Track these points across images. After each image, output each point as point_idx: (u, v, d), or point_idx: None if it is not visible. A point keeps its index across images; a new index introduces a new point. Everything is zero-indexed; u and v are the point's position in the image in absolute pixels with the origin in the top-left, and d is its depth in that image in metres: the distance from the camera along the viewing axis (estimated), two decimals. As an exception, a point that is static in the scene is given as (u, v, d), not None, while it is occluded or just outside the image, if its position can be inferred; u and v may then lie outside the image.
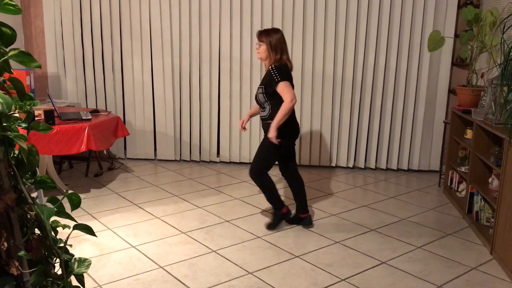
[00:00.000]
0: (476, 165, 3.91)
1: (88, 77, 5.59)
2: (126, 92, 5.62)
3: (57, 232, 1.69)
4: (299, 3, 5.17)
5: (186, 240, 3.50)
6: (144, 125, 5.66)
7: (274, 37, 3.47)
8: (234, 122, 5.54)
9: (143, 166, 5.52)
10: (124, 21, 5.43)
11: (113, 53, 5.53)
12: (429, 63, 5.18)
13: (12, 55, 1.46)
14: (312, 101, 5.38)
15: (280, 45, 3.49)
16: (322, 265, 3.14)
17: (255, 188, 4.76)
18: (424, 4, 5.04)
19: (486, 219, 3.71)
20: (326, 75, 5.30)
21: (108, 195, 4.47)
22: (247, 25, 5.28)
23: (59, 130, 3.97)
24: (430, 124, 5.36)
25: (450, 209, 4.29)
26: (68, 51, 5.54)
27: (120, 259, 3.18)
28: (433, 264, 3.20)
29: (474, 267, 3.17)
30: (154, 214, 4.01)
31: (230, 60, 5.39)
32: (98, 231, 3.62)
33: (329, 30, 5.20)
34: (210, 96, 5.51)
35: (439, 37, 4.40)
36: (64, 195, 1.65)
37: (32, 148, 1.52)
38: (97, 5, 5.40)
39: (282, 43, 3.51)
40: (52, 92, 5.61)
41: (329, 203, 4.37)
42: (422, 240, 3.58)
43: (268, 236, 3.59)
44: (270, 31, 3.52)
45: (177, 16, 5.34)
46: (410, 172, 5.50)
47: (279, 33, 3.51)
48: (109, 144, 4.54)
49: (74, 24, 5.46)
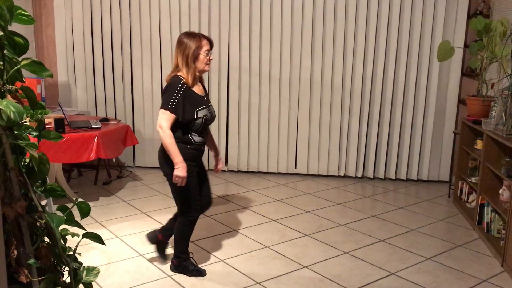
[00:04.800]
0: (486, 175, 3.87)
1: (98, 85, 5.64)
2: (135, 101, 5.65)
3: (66, 240, 1.69)
4: (308, 13, 5.18)
5: (194, 249, 3.49)
6: (153, 134, 5.68)
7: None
8: (242, 132, 5.54)
9: (151, 174, 5.53)
10: (134, 31, 5.48)
11: (123, 62, 5.57)
12: (438, 73, 5.16)
13: (25, 65, 1.48)
14: (320, 111, 5.37)
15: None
16: (330, 276, 3.12)
17: (263, 197, 4.75)
18: (433, 14, 5.04)
19: (497, 231, 3.66)
20: (335, 85, 5.30)
21: (117, 203, 4.48)
22: (256, 35, 5.30)
23: (69, 139, 3.99)
24: (440, 134, 5.33)
25: (460, 220, 4.24)
26: (78, 60, 5.60)
27: (128, 267, 3.17)
28: (443, 276, 3.16)
29: (484, 279, 3.13)
30: (162, 222, 4.00)
31: (239, 70, 5.41)
32: (106, 239, 3.62)
33: (338, 40, 5.20)
34: (218, 105, 5.52)
35: (449, 47, 4.38)
36: (73, 203, 1.66)
37: (42, 156, 1.53)
38: (107, 15, 5.45)
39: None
40: (63, 101, 5.65)
41: (338, 213, 4.35)
42: (431, 251, 3.54)
43: (276, 246, 3.57)
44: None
45: (186, 26, 5.38)
46: (419, 182, 5.46)
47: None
48: (118, 152, 4.56)
49: (85, 34, 5.52)
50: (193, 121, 2.84)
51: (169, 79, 2.88)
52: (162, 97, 2.84)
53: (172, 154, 2.79)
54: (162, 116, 2.78)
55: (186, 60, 2.81)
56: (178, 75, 2.85)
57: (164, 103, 2.79)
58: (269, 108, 5.46)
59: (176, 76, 2.84)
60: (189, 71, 2.82)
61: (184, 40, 2.82)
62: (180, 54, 2.83)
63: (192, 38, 2.82)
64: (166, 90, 2.83)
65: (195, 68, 2.84)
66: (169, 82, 2.85)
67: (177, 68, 2.87)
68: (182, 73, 2.84)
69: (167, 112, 2.77)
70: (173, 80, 2.83)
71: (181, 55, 2.82)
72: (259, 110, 5.47)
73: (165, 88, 2.85)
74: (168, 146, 2.78)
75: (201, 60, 2.84)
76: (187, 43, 2.81)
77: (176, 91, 2.77)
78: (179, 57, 2.83)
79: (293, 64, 5.33)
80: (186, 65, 2.81)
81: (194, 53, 2.81)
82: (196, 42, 2.81)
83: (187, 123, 2.83)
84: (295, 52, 5.30)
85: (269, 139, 5.53)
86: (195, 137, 2.90)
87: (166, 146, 2.79)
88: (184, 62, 2.81)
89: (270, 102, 5.44)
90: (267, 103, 5.44)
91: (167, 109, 2.77)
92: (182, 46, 2.82)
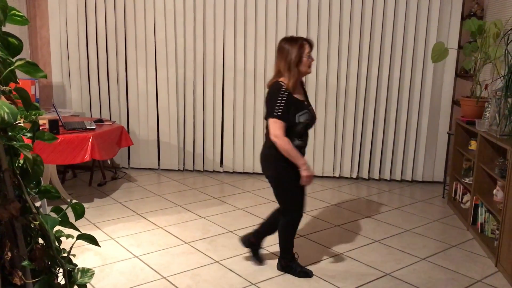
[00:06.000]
0: (480, 176, 3.89)
1: (92, 86, 5.62)
2: (130, 102, 5.64)
3: (61, 242, 1.68)
4: (302, 15, 5.19)
5: (189, 250, 3.48)
6: (148, 135, 5.67)
7: None
8: (237, 132, 5.54)
9: (146, 175, 5.52)
10: (129, 31, 5.47)
11: (117, 63, 5.56)
12: (432, 74, 5.19)
13: (19, 66, 1.47)
14: (316, 112, 5.38)
15: None
16: (325, 277, 3.12)
17: (259, 198, 4.75)
18: (427, 16, 5.06)
19: (491, 231, 3.68)
20: (330, 86, 5.31)
21: (111, 205, 4.46)
22: (251, 36, 5.30)
23: (64, 140, 3.98)
24: (434, 135, 5.35)
25: (454, 221, 4.26)
26: (73, 61, 5.58)
27: (123, 269, 3.16)
28: (437, 276, 3.17)
29: (479, 279, 3.14)
30: (157, 224, 4.00)
31: (234, 71, 5.41)
32: (101, 241, 3.61)
33: (332, 40, 5.21)
34: (213, 106, 5.52)
35: (443, 49, 4.41)
36: (68, 204, 1.65)
37: (37, 158, 1.52)
38: (102, 16, 5.44)
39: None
40: (57, 102, 5.63)
41: (333, 214, 4.35)
42: (426, 252, 3.56)
43: (271, 247, 3.57)
44: None
45: (181, 27, 5.37)
46: (414, 183, 5.48)
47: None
48: (113, 153, 4.55)
49: (79, 34, 5.50)
50: (294, 126, 2.87)
51: (270, 85, 2.92)
52: (267, 104, 2.88)
53: (295, 158, 2.86)
54: (274, 126, 2.81)
55: (288, 65, 2.85)
56: (279, 81, 2.88)
57: (271, 111, 2.82)
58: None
59: (277, 82, 2.87)
60: (292, 76, 2.85)
61: (285, 46, 2.87)
62: (282, 60, 2.87)
63: (293, 42, 2.87)
64: (269, 98, 2.87)
65: (298, 72, 2.87)
66: (270, 89, 2.89)
67: (279, 74, 2.91)
68: (284, 78, 2.88)
69: (278, 121, 2.81)
70: (274, 87, 2.87)
71: (284, 60, 2.86)
72: (254, 111, 5.47)
73: (267, 95, 2.90)
74: (289, 151, 2.83)
75: (304, 63, 2.87)
76: (289, 48, 2.85)
77: (279, 98, 2.81)
78: (281, 63, 2.87)
79: (288, 65, 5.33)
80: (288, 70, 2.85)
81: (297, 57, 2.84)
82: (298, 46, 2.86)
83: (289, 128, 2.86)
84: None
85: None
86: (296, 141, 2.91)
87: (287, 152, 2.83)
88: (287, 67, 2.85)
89: (265, 103, 5.44)
90: (262, 103, 5.45)
91: (275, 117, 2.80)
92: (284, 52, 2.86)
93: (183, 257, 3.37)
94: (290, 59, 2.84)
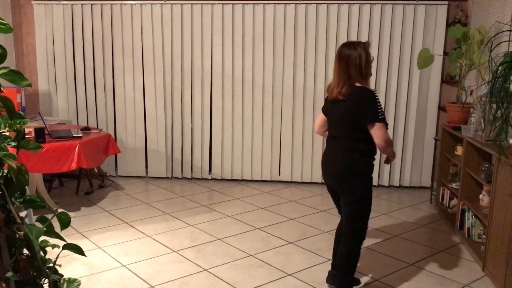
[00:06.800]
0: (467, 181, 3.93)
1: (79, 94, 5.58)
2: (117, 110, 5.61)
3: (46, 252, 1.66)
4: (290, 22, 5.22)
5: (178, 258, 3.46)
6: (136, 143, 5.64)
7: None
8: (226, 139, 5.53)
9: (134, 183, 5.49)
10: (116, 39, 5.45)
11: (104, 71, 5.53)
12: (419, 81, 5.24)
13: (2, 74, 1.46)
14: (303, 118, 5.40)
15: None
16: (315, 283, 3.12)
17: (247, 205, 4.75)
18: (413, 23, 5.12)
19: (478, 236, 3.71)
20: (317, 92, 5.34)
21: (99, 213, 4.42)
22: (239, 43, 5.32)
23: (50, 148, 3.94)
24: (421, 140, 5.39)
25: (441, 226, 4.29)
26: (59, 69, 5.54)
27: (110, 278, 3.13)
28: (426, 281, 3.18)
29: (466, 284, 3.16)
30: (145, 232, 3.97)
31: (222, 78, 5.41)
32: (88, 250, 3.57)
33: (319, 47, 5.25)
34: (202, 113, 5.51)
35: (429, 55, 4.46)
36: (53, 214, 1.63)
37: (21, 167, 1.50)
38: (89, 23, 5.42)
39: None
40: (43, 110, 5.58)
41: (322, 220, 4.36)
42: (414, 257, 3.57)
43: (260, 254, 3.56)
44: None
45: (169, 34, 5.37)
46: (401, 188, 5.51)
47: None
48: (100, 161, 4.51)
49: (66, 42, 5.47)
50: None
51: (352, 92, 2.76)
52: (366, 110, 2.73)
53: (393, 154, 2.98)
54: (383, 130, 2.75)
55: (360, 69, 2.76)
56: (361, 86, 2.78)
57: (375, 116, 2.71)
58: (252, 116, 5.47)
59: (363, 88, 2.77)
60: (367, 79, 2.81)
61: (350, 53, 2.77)
62: (352, 66, 2.75)
63: (358, 47, 2.79)
64: (365, 103, 2.73)
65: (368, 74, 2.82)
66: (362, 95, 2.74)
67: (349, 81, 2.78)
68: (360, 83, 2.78)
69: (384, 125, 2.75)
70: (364, 92, 2.75)
71: (354, 67, 2.75)
72: (242, 117, 5.47)
73: (360, 101, 2.74)
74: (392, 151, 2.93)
75: (370, 65, 2.81)
76: (358, 53, 2.76)
77: (377, 101, 2.73)
78: (352, 69, 2.76)
79: (276, 72, 5.35)
80: (361, 74, 2.77)
81: (366, 60, 2.78)
82: (365, 50, 2.79)
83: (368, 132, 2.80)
84: (277, 59, 5.32)
85: (252, 146, 5.54)
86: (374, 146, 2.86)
87: (391, 152, 2.90)
88: (358, 72, 2.76)
89: (253, 110, 5.46)
90: (250, 110, 5.45)
91: (381, 121, 2.73)
92: (351, 58, 2.76)
93: (171, 265, 3.35)
94: (361, 63, 2.75)
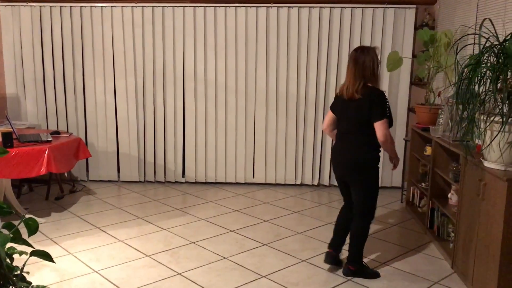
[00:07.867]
0: (435, 181, 4.02)
1: (49, 98, 5.48)
2: (88, 113, 5.52)
3: (13, 259, 1.63)
4: (262, 25, 5.25)
5: (151, 263, 3.43)
6: (107, 146, 5.57)
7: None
8: (199, 142, 5.51)
9: (106, 188, 5.41)
10: (86, 42, 5.37)
11: (74, 74, 5.44)
12: (388, 83, 5.33)
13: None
14: (276, 121, 5.43)
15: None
16: (288, 284, 3.14)
17: (221, 208, 4.74)
18: (382, 26, 5.21)
19: (447, 234, 3.80)
20: (290, 95, 5.37)
21: (70, 219, 4.34)
22: (211, 46, 5.31)
23: (18, 153, 3.85)
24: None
25: (412, 225, 4.37)
26: (28, 72, 5.42)
27: (82, 285, 3.08)
28: (397, 280, 3.24)
29: (436, 281, 3.23)
30: (117, 237, 3.92)
31: (194, 80, 5.39)
32: (58, 256, 3.50)
33: (291, 50, 5.29)
34: (174, 116, 5.48)
35: (398, 58, 4.55)
36: (20, 220, 1.60)
37: (-14, 172, 1.47)
38: (58, 26, 5.32)
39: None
40: (11, 114, 5.45)
41: (295, 221, 4.39)
42: (386, 256, 3.63)
43: (234, 256, 3.56)
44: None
45: (140, 36, 5.32)
46: (373, 189, 5.58)
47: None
48: (70, 166, 4.44)
49: (34, 45, 5.36)
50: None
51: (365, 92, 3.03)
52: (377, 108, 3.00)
53: (394, 152, 3.22)
54: (385, 126, 3.01)
55: (373, 71, 3.06)
56: (374, 87, 3.07)
57: (383, 113, 3.00)
58: (225, 118, 5.46)
59: (375, 88, 3.06)
60: (378, 80, 3.12)
61: (364, 57, 3.05)
62: (367, 69, 3.04)
63: (371, 51, 3.08)
64: (378, 102, 3.00)
65: (379, 75, 3.14)
66: (374, 95, 3.02)
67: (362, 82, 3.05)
68: (373, 84, 3.07)
69: (386, 121, 3.02)
70: (376, 92, 3.04)
71: (368, 69, 3.04)
72: (215, 120, 5.46)
73: (374, 99, 3.01)
74: (393, 147, 3.16)
75: (379, 67, 3.14)
76: (371, 57, 3.06)
77: (386, 101, 3.03)
78: (366, 71, 3.04)
79: (249, 74, 5.37)
80: (374, 76, 3.07)
81: (377, 63, 3.09)
82: (376, 53, 3.10)
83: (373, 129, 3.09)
84: (250, 62, 5.34)
85: (226, 149, 5.53)
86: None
87: (392, 148, 3.14)
88: (372, 74, 3.06)
89: (226, 112, 5.45)
90: (223, 113, 5.45)
91: (386, 117, 3.01)
92: (366, 61, 3.04)
93: (144, 270, 3.31)
94: (375, 66, 3.06)
